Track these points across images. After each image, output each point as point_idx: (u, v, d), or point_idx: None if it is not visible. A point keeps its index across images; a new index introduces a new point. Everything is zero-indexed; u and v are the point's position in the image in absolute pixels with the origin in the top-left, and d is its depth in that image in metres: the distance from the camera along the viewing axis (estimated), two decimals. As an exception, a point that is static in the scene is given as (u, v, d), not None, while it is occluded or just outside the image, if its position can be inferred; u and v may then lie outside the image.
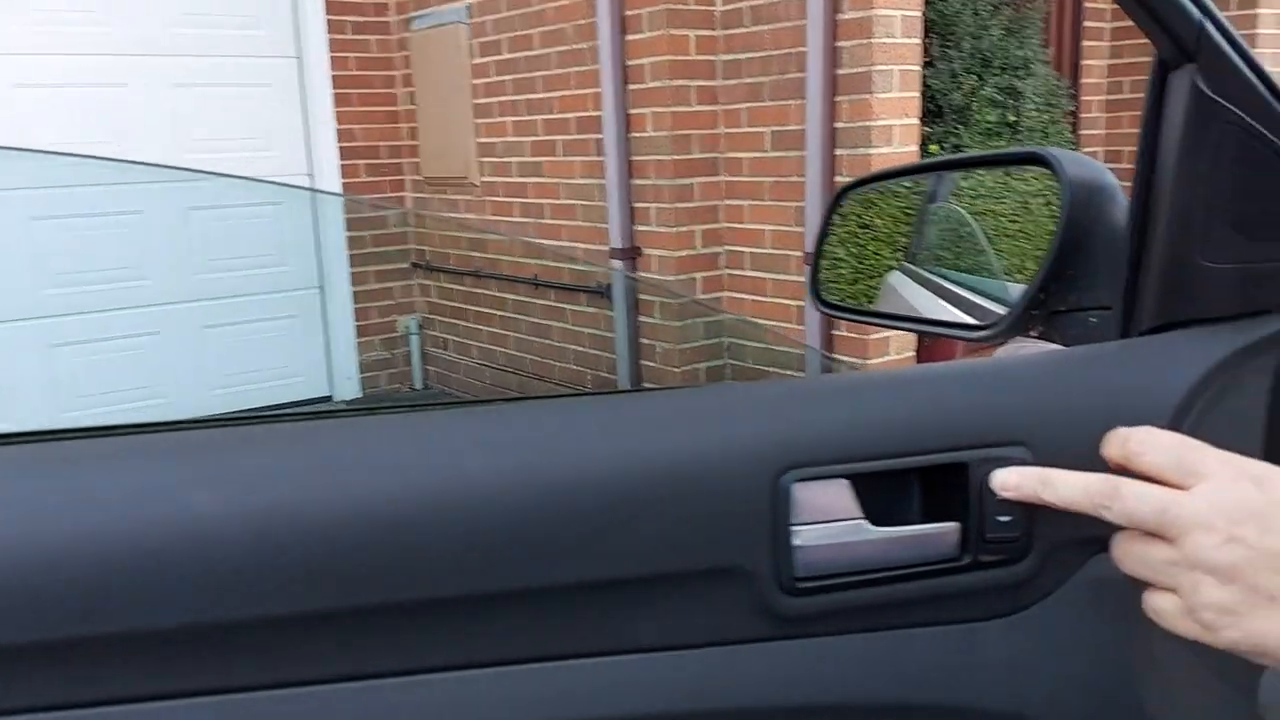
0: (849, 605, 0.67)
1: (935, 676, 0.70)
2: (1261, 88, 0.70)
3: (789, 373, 3.99)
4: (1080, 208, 0.90)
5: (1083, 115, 5.23)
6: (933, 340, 3.50)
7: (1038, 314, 0.95)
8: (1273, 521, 0.56)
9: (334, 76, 5.10)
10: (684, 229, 4.05)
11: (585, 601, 0.62)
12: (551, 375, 4.70)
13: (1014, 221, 1.21)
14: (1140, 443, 0.61)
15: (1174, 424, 0.70)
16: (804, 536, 0.65)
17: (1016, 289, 0.97)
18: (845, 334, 3.74)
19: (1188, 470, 0.59)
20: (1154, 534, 0.60)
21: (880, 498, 0.68)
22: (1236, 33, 0.70)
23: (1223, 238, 0.73)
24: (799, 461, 0.65)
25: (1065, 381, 0.71)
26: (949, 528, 0.69)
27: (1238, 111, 0.70)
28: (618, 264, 4.12)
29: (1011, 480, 0.66)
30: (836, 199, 1.12)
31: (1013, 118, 4.13)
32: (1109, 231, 0.87)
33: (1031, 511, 0.68)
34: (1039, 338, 1.01)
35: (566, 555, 0.61)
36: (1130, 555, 0.62)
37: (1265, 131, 0.70)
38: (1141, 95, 0.77)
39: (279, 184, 5.14)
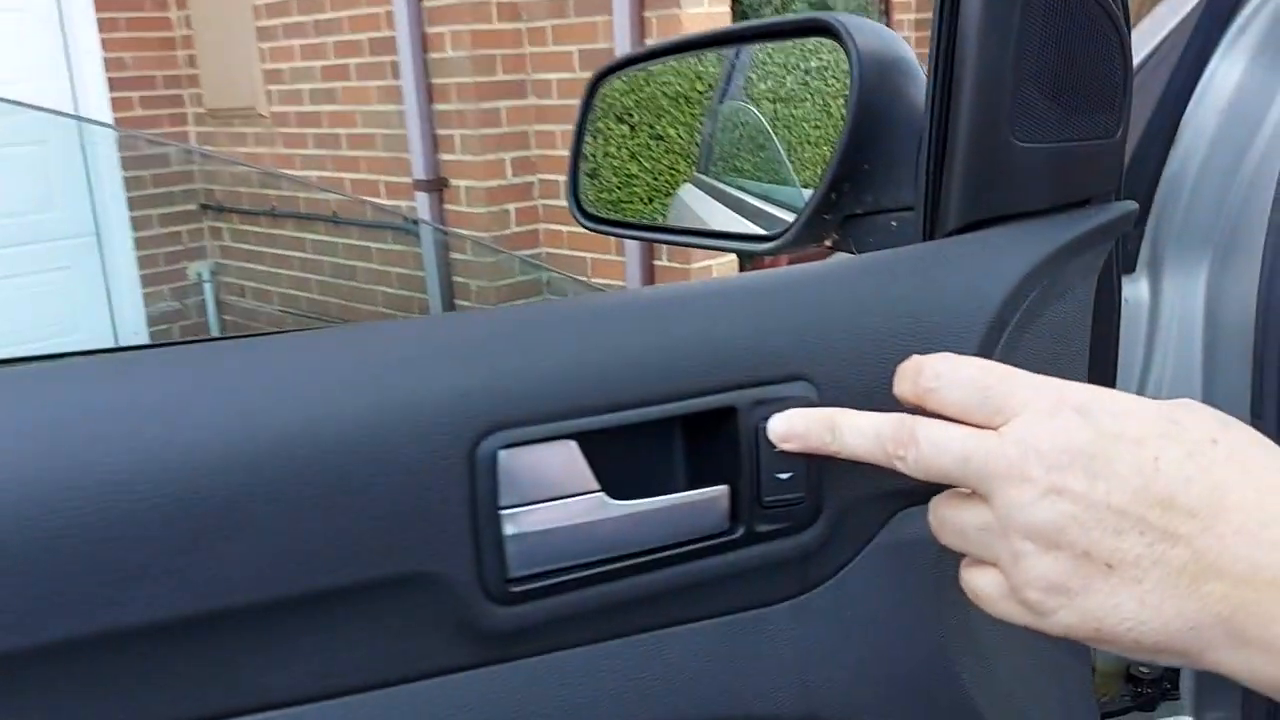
0: (585, 608, 0.50)
1: (707, 684, 0.54)
2: None
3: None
4: (872, 86, 0.74)
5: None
6: (757, 262, 3.39)
7: (830, 219, 0.80)
8: (1105, 463, 0.42)
9: (95, -1, 4.57)
10: (493, 157, 3.80)
11: (195, 642, 0.43)
12: (360, 320, 4.39)
13: (817, 128, 1.06)
14: (934, 375, 0.46)
15: (987, 343, 0.56)
16: (518, 523, 0.48)
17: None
18: (670, 263, 3.58)
19: (994, 406, 0.44)
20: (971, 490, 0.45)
21: (622, 462, 0.51)
22: None
23: (1039, 110, 0.58)
24: (506, 420, 0.47)
25: (856, 298, 0.56)
26: (715, 493, 0.53)
27: None
28: (417, 203, 3.85)
29: (791, 427, 0.51)
30: (592, 87, 0.94)
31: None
32: (908, 114, 0.72)
33: (820, 464, 0.53)
34: (834, 249, 0.86)
35: (154, 580, 0.41)
36: (941, 520, 0.48)
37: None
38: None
39: (40, 109, 4.58)
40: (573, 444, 0.49)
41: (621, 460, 0.52)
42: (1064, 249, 0.59)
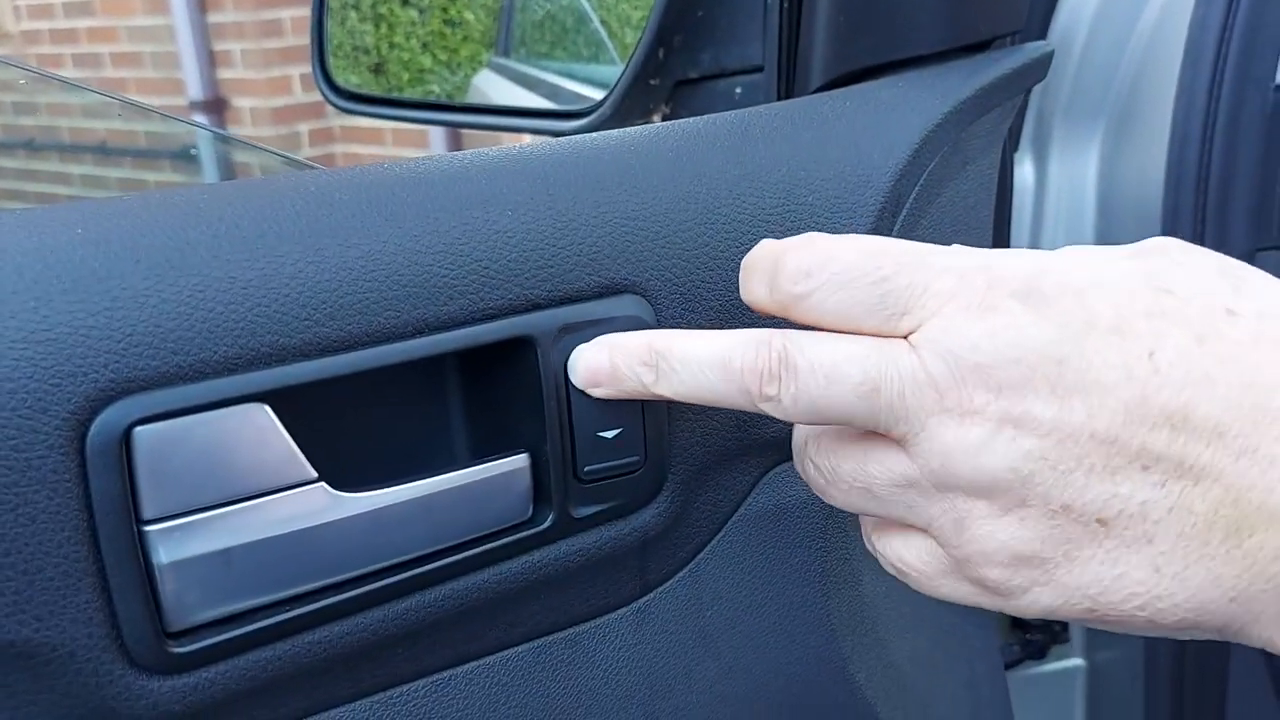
0: (303, 662, 0.32)
1: None
2: None
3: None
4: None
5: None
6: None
7: (657, 85, 0.63)
8: (1077, 371, 0.28)
9: None
10: (277, 72, 3.44)
11: None
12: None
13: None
14: (802, 272, 0.30)
15: (877, 230, 0.40)
16: (176, 543, 0.29)
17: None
18: None
19: (899, 304, 0.30)
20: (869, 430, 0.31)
21: (355, 433, 0.33)
22: None
23: None
24: (141, 377, 0.28)
25: (702, 175, 0.38)
26: (508, 466, 0.35)
27: None
28: (201, 119, 3.46)
29: (599, 364, 0.34)
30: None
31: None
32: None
33: (658, 414, 0.36)
34: (669, 120, 0.69)
35: None
36: (833, 473, 0.32)
37: None
38: None
39: None
40: (264, 408, 0.30)
41: (353, 430, 0.33)
42: (966, 104, 0.43)
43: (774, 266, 0.31)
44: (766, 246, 0.32)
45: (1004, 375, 0.28)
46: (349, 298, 0.31)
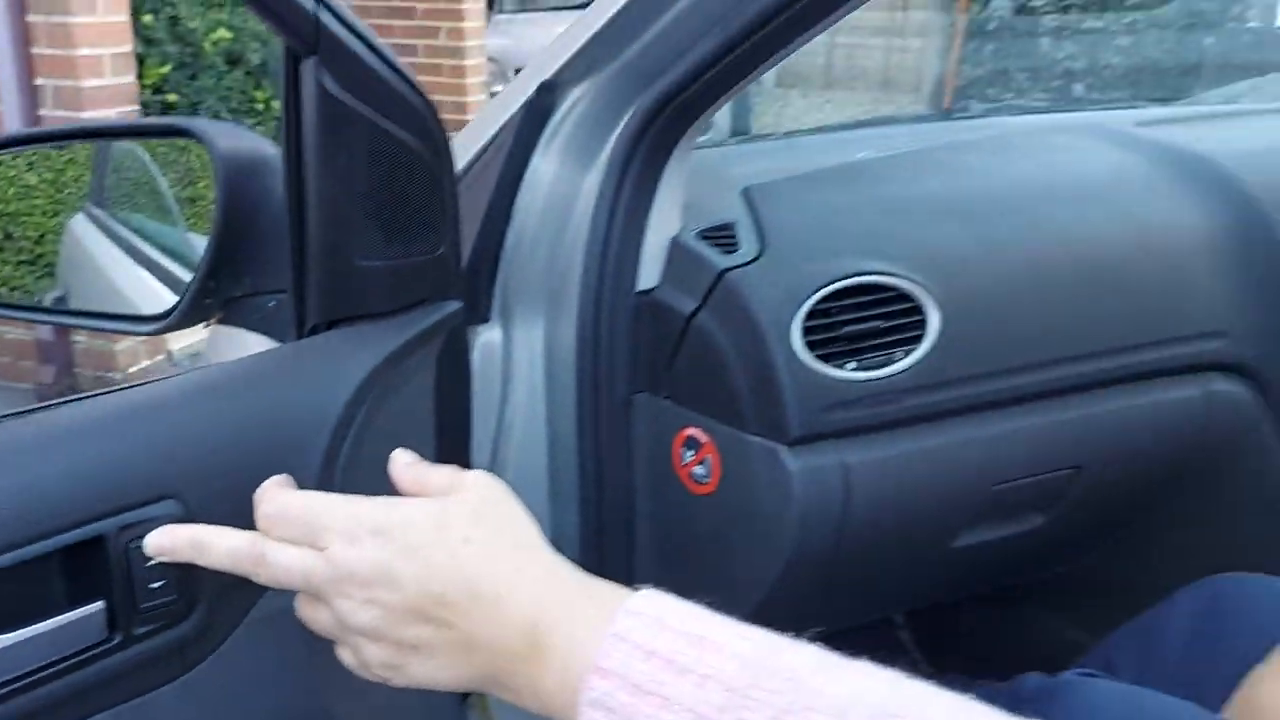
0: None
1: None
2: (392, 82, 0.66)
3: None
4: (237, 185, 0.81)
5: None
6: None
7: (211, 302, 0.85)
8: (397, 575, 0.53)
9: None
10: None
11: None
12: None
13: (203, 177, 1.08)
14: (268, 517, 0.57)
15: (336, 439, 0.65)
16: None
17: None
18: (89, 341, 3.26)
19: (317, 534, 0.56)
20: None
21: None
22: (360, 23, 0.65)
23: (373, 238, 0.69)
24: None
25: (216, 412, 0.62)
26: (89, 611, 0.56)
27: (366, 108, 0.65)
28: None
29: (160, 547, 0.58)
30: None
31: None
32: (276, 208, 0.79)
33: (191, 567, 0.59)
34: (221, 324, 0.91)
35: None
36: (303, 617, 0.58)
37: (395, 129, 0.67)
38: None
39: None
40: None
41: None
42: (401, 347, 0.70)
43: (258, 504, 0.57)
44: (261, 490, 0.58)
45: (365, 576, 0.53)
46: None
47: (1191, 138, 1.20)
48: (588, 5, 0.94)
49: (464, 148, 0.98)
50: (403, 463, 0.59)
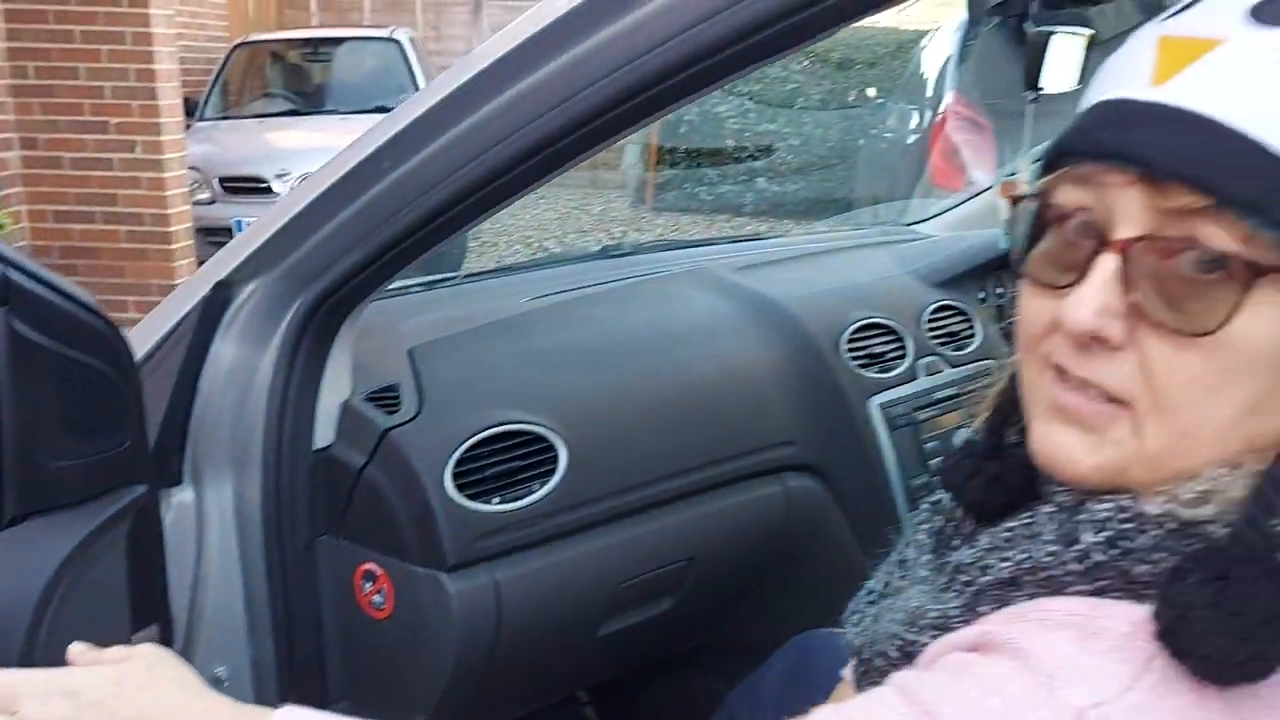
0: None
1: None
2: (78, 315, 0.81)
3: None
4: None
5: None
6: None
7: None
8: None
9: None
10: None
11: None
12: None
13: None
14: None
15: (37, 618, 0.78)
16: None
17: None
18: None
19: (11, 703, 0.68)
20: None
21: None
22: (49, 274, 0.80)
23: (64, 442, 0.83)
24: None
25: None
26: None
27: (54, 344, 0.79)
28: None
29: None
30: None
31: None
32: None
33: None
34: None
35: None
36: None
37: (81, 356, 0.81)
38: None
39: None
40: None
41: None
42: (94, 530, 0.84)
43: None
44: None
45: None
46: None
47: (775, 280, 1.52)
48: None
49: (146, 333, 1.12)
50: (78, 650, 0.72)
